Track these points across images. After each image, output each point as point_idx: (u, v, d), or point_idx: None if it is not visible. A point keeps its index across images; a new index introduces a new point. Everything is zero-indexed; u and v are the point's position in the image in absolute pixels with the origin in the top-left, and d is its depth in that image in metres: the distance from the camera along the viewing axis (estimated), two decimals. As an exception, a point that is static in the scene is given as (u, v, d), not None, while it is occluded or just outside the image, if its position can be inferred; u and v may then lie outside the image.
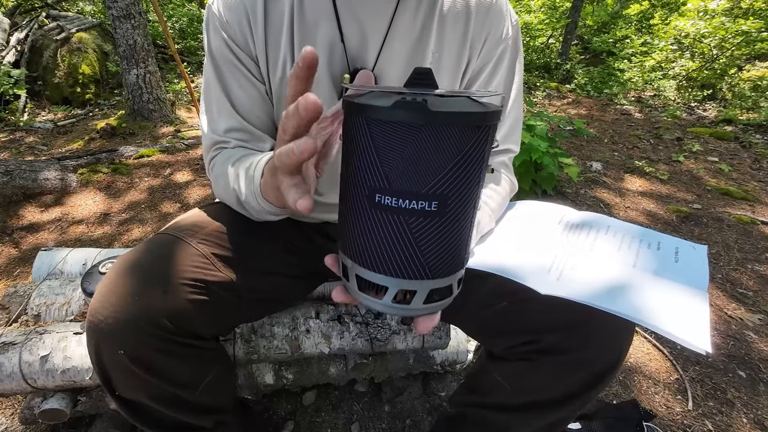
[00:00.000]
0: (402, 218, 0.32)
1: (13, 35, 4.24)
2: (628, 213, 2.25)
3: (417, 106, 0.29)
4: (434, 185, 0.31)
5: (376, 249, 0.34)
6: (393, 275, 0.34)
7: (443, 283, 0.36)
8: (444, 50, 0.67)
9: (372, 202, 0.32)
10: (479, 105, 0.32)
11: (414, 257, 0.33)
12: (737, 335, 1.39)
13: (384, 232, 0.33)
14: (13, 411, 1.07)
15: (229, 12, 0.65)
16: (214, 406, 0.71)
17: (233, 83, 0.68)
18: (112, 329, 0.55)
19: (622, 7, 7.58)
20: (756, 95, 4.31)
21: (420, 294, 0.35)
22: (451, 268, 0.35)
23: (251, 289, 0.68)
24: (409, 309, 0.36)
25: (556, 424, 0.67)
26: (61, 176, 2.29)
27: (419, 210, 0.31)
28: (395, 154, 0.30)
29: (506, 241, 0.65)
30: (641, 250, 0.59)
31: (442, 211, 0.32)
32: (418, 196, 0.31)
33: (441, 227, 0.32)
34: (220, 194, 0.68)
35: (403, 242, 0.33)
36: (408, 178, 0.31)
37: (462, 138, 0.30)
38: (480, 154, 0.32)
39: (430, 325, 0.40)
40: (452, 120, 0.29)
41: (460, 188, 0.32)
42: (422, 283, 0.35)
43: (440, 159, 0.30)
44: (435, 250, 0.33)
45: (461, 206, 0.32)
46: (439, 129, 0.29)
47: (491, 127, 0.32)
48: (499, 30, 0.68)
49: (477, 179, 0.33)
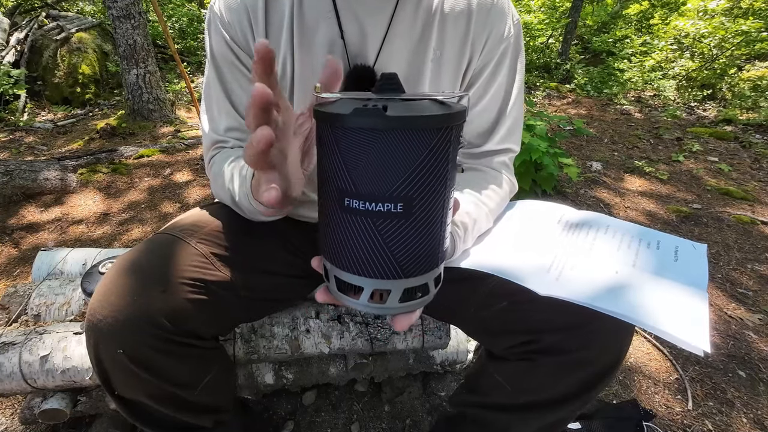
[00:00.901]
0: (370, 220, 0.33)
1: (13, 35, 4.24)
2: (628, 213, 2.25)
3: (375, 113, 0.30)
4: (398, 187, 0.32)
5: (349, 251, 0.35)
6: (367, 276, 0.35)
7: (418, 282, 0.36)
8: (445, 49, 0.67)
9: (342, 206, 0.33)
10: (441, 107, 0.33)
11: (385, 258, 0.34)
12: (737, 335, 1.39)
13: (355, 234, 0.34)
14: (13, 411, 1.07)
15: (230, 12, 0.65)
16: (214, 406, 0.71)
17: (234, 83, 0.68)
18: (111, 328, 0.55)
19: (622, 7, 7.58)
20: (756, 95, 4.31)
21: (395, 293, 0.36)
22: (425, 267, 0.36)
23: (250, 288, 0.68)
24: (385, 308, 0.37)
25: (556, 424, 0.67)
26: (61, 176, 2.29)
27: (386, 212, 0.32)
28: (359, 158, 0.31)
29: (505, 242, 0.65)
30: (641, 249, 0.59)
31: (408, 213, 0.33)
32: (384, 198, 0.32)
33: (409, 228, 0.33)
34: (218, 193, 0.68)
35: (373, 244, 0.34)
36: (373, 182, 0.32)
37: (422, 141, 0.31)
38: (443, 155, 0.32)
39: (407, 323, 0.41)
40: (410, 124, 0.30)
41: (425, 189, 0.32)
42: (396, 282, 0.35)
43: (402, 162, 0.31)
44: (405, 250, 0.34)
45: (427, 207, 0.33)
46: (397, 133, 0.30)
47: (453, 128, 0.32)
48: (501, 29, 0.68)
49: (443, 179, 0.33)
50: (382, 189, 0.32)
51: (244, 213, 0.63)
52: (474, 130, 0.73)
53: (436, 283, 0.39)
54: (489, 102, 0.71)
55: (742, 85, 4.64)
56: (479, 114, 0.72)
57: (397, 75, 0.35)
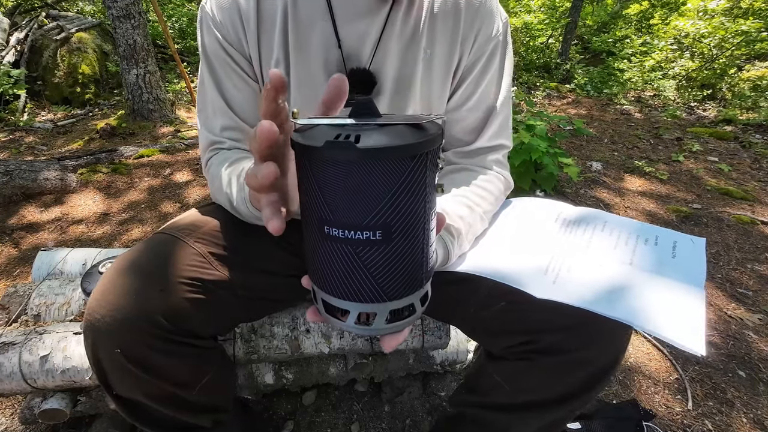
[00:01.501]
0: (350, 248, 0.33)
1: (12, 35, 4.24)
2: (628, 213, 2.25)
3: (346, 145, 0.30)
4: (375, 215, 0.32)
5: (333, 276, 0.35)
6: (352, 300, 0.36)
7: (403, 303, 0.37)
8: (435, 48, 0.67)
9: (323, 234, 0.34)
10: (415, 134, 0.32)
11: (368, 283, 0.34)
12: (737, 335, 1.39)
13: (337, 260, 0.34)
14: (13, 411, 1.07)
15: (221, 11, 0.65)
16: (213, 406, 0.71)
17: (227, 82, 0.68)
18: (109, 327, 0.55)
19: (622, 7, 7.58)
20: (756, 95, 4.31)
21: (380, 316, 0.36)
22: (409, 289, 0.36)
23: (249, 288, 0.68)
24: (372, 329, 0.37)
25: (556, 423, 0.67)
26: (60, 176, 2.29)
27: (365, 240, 0.32)
28: (335, 188, 0.32)
29: (501, 243, 0.65)
30: (638, 246, 0.59)
31: (387, 239, 0.33)
32: (362, 227, 0.32)
33: (389, 254, 0.33)
34: (216, 196, 0.68)
35: (355, 270, 0.34)
36: (350, 211, 0.32)
37: (396, 169, 0.31)
38: (419, 181, 0.32)
39: (395, 343, 0.41)
40: (381, 155, 0.30)
41: (403, 216, 0.32)
42: (380, 305, 0.36)
43: (378, 191, 0.31)
44: (387, 276, 0.34)
45: (407, 232, 0.33)
46: (369, 164, 0.30)
47: (429, 153, 0.32)
48: (490, 27, 0.69)
49: (421, 204, 0.33)
50: (360, 218, 0.32)
51: (241, 216, 0.64)
52: (465, 128, 0.74)
53: (423, 301, 0.39)
54: (479, 99, 0.72)
55: (742, 85, 4.64)
56: (470, 111, 0.72)
57: (372, 100, 0.35)
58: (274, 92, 0.34)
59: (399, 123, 0.33)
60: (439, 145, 0.34)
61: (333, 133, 0.31)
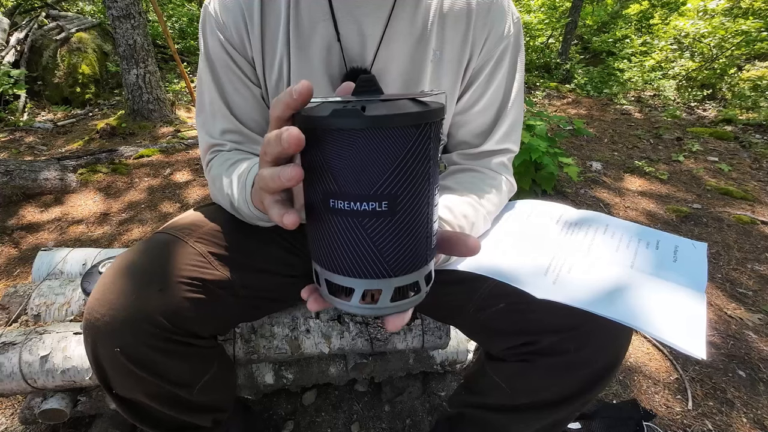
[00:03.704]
0: (356, 220, 0.33)
1: (12, 35, 4.24)
2: (628, 213, 2.25)
3: (353, 113, 0.31)
4: (381, 186, 0.32)
5: (338, 252, 0.35)
6: (357, 276, 0.35)
7: (408, 280, 0.37)
8: (445, 49, 0.67)
9: (327, 207, 0.34)
10: (419, 105, 0.33)
11: (374, 257, 0.34)
12: (737, 335, 1.39)
13: (342, 235, 0.34)
14: (13, 411, 1.07)
15: (225, 13, 0.65)
16: (213, 406, 0.71)
17: (228, 85, 0.68)
18: (108, 327, 0.55)
19: (622, 7, 7.58)
20: (756, 95, 4.30)
21: (386, 292, 0.36)
22: (414, 264, 0.36)
23: (248, 287, 0.68)
24: (377, 308, 0.37)
25: (556, 424, 0.67)
26: (60, 176, 2.29)
27: (370, 211, 0.33)
28: (341, 159, 0.32)
29: (503, 243, 0.65)
30: (639, 249, 0.59)
31: (393, 210, 0.33)
32: (368, 197, 0.32)
33: (395, 225, 0.34)
34: (216, 196, 0.68)
35: (361, 243, 0.34)
36: (356, 181, 0.32)
37: (401, 138, 0.31)
38: (424, 152, 0.33)
39: (400, 323, 0.41)
40: (388, 122, 0.31)
41: (408, 186, 0.33)
42: (386, 281, 0.36)
43: (383, 160, 0.32)
44: (393, 248, 0.34)
45: (411, 203, 0.34)
46: (376, 132, 0.31)
47: (432, 125, 0.33)
48: (501, 28, 0.68)
49: (425, 176, 0.34)
50: (366, 188, 0.32)
51: (242, 217, 0.63)
52: (473, 130, 0.73)
53: (428, 281, 0.39)
54: (488, 101, 0.71)
55: (742, 85, 4.64)
56: (478, 114, 0.72)
57: (374, 77, 0.36)
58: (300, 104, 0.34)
59: (402, 97, 0.34)
60: (442, 118, 0.34)
61: (339, 105, 0.32)
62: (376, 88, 0.36)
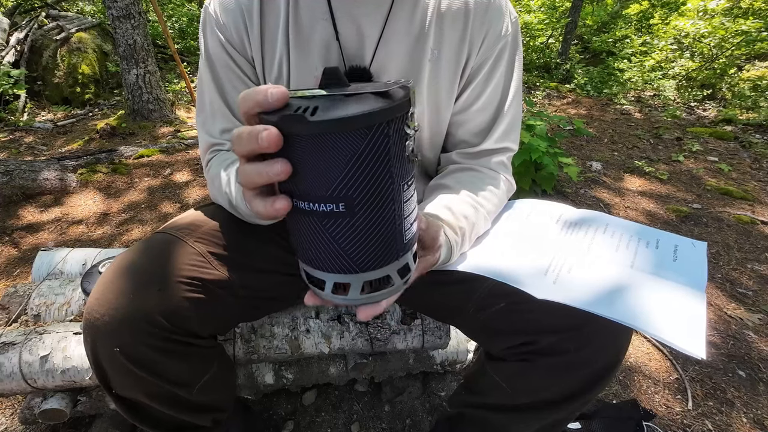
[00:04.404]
0: (317, 220, 0.33)
1: (12, 35, 4.24)
2: (628, 213, 2.25)
3: (298, 119, 0.30)
4: (336, 188, 0.32)
5: (308, 248, 0.36)
6: (327, 270, 0.36)
7: (378, 275, 0.37)
8: (443, 48, 0.67)
9: (293, 206, 0.34)
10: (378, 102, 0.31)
11: (338, 254, 0.35)
12: (737, 335, 1.39)
13: (309, 232, 0.35)
14: (13, 411, 1.07)
15: (225, 13, 0.65)
16: (212, 405, 0.71)
17: (228, 85, 0.68)
18: (108, 327, 0.55)
19: (621, 7, 7.58)
20: (756, 95, 4.30)
21: (355, 286, 0.37)
22: (382, 260, 0.36)
23: (249, 287, 0.68)
24: (348, 299, 0.38)
25: (556, 424, 0.67)
26: (60, 176, 2.29)
27: (329, 212, 0.33)
28: (296, 162, 0.32)
29: (503, 244, 0.65)
30: (639, 249, 0.59)
31: (351, 212, 0.33)
32: (325, 199, 0.32)
33: (355, 226, 0.33)
34: (215, 196, 0.68)
35: (325, 241, 0.34)
36: (312, 183, 0.32)
37: (351, 142, 0.30)
38: (381, 152, 0.32)
39: (371, 314, 0.41)
40: (334, 127, 0.29)
41: (366, 188, 0.32)
42: (354, 276, 0.36)
43: (334, 164, 0.31)
44: (356, 247, 0.34)
45: (372, 204, 0.33)
46: (323, 137, 0.30)
47: (390, 122, 0.31)
48: (499, 27, 0.68)
49: (386, 175, 0.33)
50: (321, 190, 0.32)
51: (241, 216, 0.64)
52: (472, 130, 0.73)
53: (402, 273, 0.39)
54: (486, 100, 0.71)
55: (742, 85, 4.64)
56: (477, 112, 0.72)
57: (338, 68, 0.34)
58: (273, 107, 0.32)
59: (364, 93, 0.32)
60: (406, 112, 0.32)
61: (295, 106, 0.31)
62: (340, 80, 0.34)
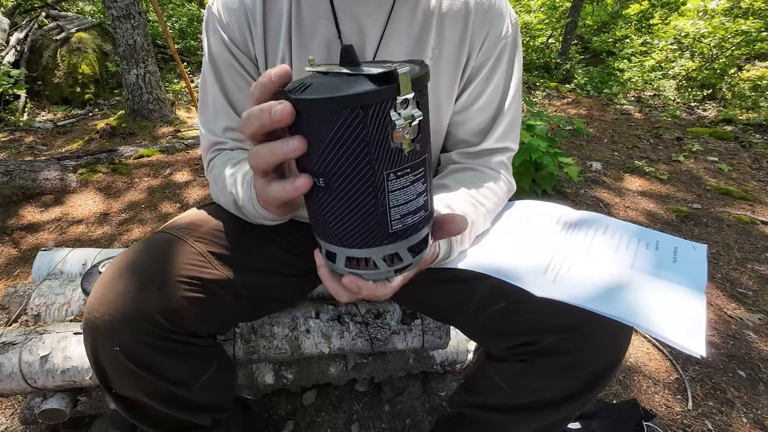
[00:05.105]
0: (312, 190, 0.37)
1: (12, 35, 4.24)
2: (628, 213, 2.25)
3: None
4: (315, 163, 0.35)
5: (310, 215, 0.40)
6: (320, 237, 0.40)
7: (360, 254, 0.39)
8: (444, 48, 0.67)
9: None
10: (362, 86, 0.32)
11: (324, 225, 0.38)
12: (737, 335, 1.39)
13: (307, 200, 0.39)
14: (13, 411, 1.07)
15: (228, 13, 0.65)
16: (212, 405, 0.71)
17: (231, 84, 0.69)
18: (108, 326, 0.55)
19: (621, 7, 7.58)
20: (756, 95, 4.31)
21: (339, 257, 0.40)
22: (363, 242, 0.38)
23: (248, 287, 0.68)
24: (335, 267, 0.41)
25: (555, 424, 0.67)
26: (60, 176, 2.29)
27: (315, 185, 0.36)
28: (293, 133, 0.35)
29: (503, 242, 0.65)
30: (639, 250, 0.59)
31: (329, 187, 0.35)
32: (312, 172, 0.36)
33: (333, 201, 0.36)
34: (217, 196, 0.68)
35: (314, 210, 0.38)
36: (305, 155, 0.35)
37: (328, 121, 0.32)
38: (357, 136, 0.32)
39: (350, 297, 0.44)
40: (312, 106, 0.32)
41: (341, 167, 0.34)
42: (338, 249, 0.39)
43: (314, 139, 0.34)
44: (336, 222, 0.37)
45: (347, 184, 0.35)
46: (303, 114, 0.33)
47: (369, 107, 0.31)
48: (499, 29, 0.68)
49: (363, 159, 0.34)
50: (308, 163, 0.35)
51: (245, 217, 0.63)
52: (472, 129, 0.73)
53: (390, 261, 0.40)
54: (487, 100, 0.71)
55: (742, 85, 4.64)
56: (477, 112, 0.72)
57: (353, 47, 0.35)
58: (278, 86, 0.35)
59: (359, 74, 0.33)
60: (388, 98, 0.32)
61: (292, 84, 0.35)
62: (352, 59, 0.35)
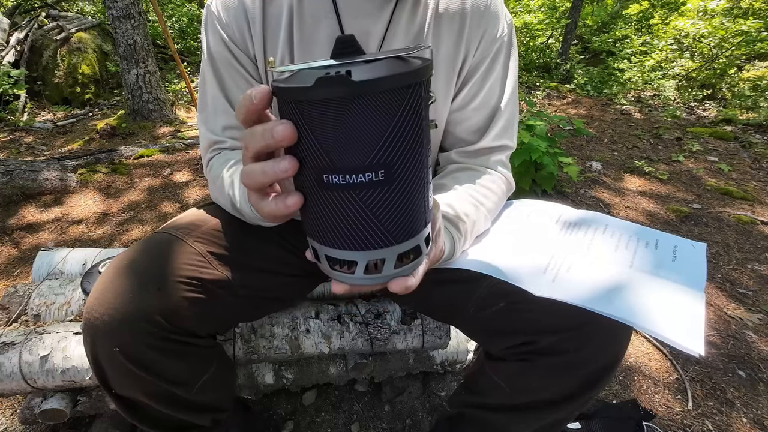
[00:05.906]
0: (353, 194, 0.32)
1: (12, 35, 4.24)
2: (628, 213, 2.25)
3: (341, 80, 0.28)
4: (376, 154, 0.30)
5: (337, 227, 0.34)
6: (359, 249, 0.34)
7: (410, 245, 0.36)
8: (440, 48, 0.68)
9: (321, 184, 0.32)
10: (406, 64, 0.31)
11: (374, 228, 0.33)
12: (737, 335, 1.39)
13: (340, 210, 0.33)
14: (13, 411, 1.07)
15: (227, 12, 0.65)
16: (212, 405, 0.71)
17: (230, 83, 0.68)
18: (107, 326, 0.55)
19: (621, 7, 7.58)
20: (756, 95, 4.31)
21: (389, 261, 0.36)
22: (414, 229, 0.35)
23: (248, 287, 0.68)
24: (381, 277, 0.36)
25: (555, 424, 0.67)
26: (60, 176, 2.29)
27: (367, 182, 0.31)
28: (331, 131, 0.30)
29: (502, 242, 0.65)
30: (638, 249, 0.59)
31: (390, 179, 0.32)
32: (363, 168, 0.31)
33: (393, 194, 0.32)
34: (216, 196, 0.68)
35: (360, 216, 0.33)
36: (349, 153, 0.30)
37: (393, 101, 0.30)
38: (417, 113, 0.31)
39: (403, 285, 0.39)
40: (379, 86, 0.29)
41: (404, 152, 0.31)
42: (389, 250, 0.35)
43: (377, 127, 0.30)
44: (393, 217, 0.33)
45: (408, 169, 0.32)
46: (368, 98, 0.29)
47: (422, 83, 0.31)
48: (495, 29, 0.69)
49: (419, 139, 0.32)
50: (361, 159, 0.30)
51: (244, 218, 0.64)
52: (469, 128, 0.74)
53: (427, 242, 0.39)
54: (483, 99, 0.72)
55: (742, 85, 4.64)
56: (474, 111, 0.72)
57: (354, 36, 0.32)
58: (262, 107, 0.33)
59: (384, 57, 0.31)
60: (430, 75, 0.32)
61: (321, 72, 0.29)
62: (356, 49, 0.32)
